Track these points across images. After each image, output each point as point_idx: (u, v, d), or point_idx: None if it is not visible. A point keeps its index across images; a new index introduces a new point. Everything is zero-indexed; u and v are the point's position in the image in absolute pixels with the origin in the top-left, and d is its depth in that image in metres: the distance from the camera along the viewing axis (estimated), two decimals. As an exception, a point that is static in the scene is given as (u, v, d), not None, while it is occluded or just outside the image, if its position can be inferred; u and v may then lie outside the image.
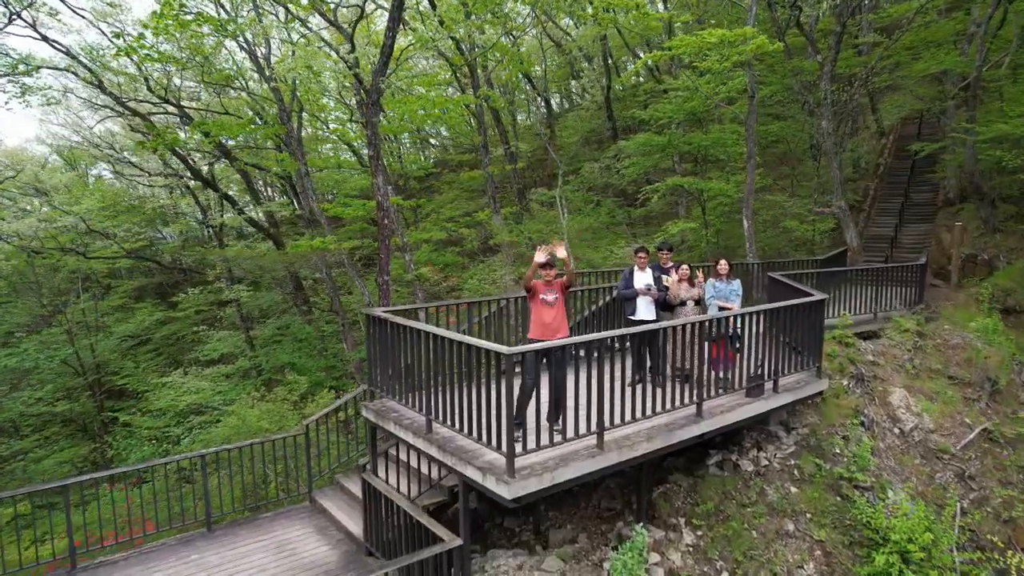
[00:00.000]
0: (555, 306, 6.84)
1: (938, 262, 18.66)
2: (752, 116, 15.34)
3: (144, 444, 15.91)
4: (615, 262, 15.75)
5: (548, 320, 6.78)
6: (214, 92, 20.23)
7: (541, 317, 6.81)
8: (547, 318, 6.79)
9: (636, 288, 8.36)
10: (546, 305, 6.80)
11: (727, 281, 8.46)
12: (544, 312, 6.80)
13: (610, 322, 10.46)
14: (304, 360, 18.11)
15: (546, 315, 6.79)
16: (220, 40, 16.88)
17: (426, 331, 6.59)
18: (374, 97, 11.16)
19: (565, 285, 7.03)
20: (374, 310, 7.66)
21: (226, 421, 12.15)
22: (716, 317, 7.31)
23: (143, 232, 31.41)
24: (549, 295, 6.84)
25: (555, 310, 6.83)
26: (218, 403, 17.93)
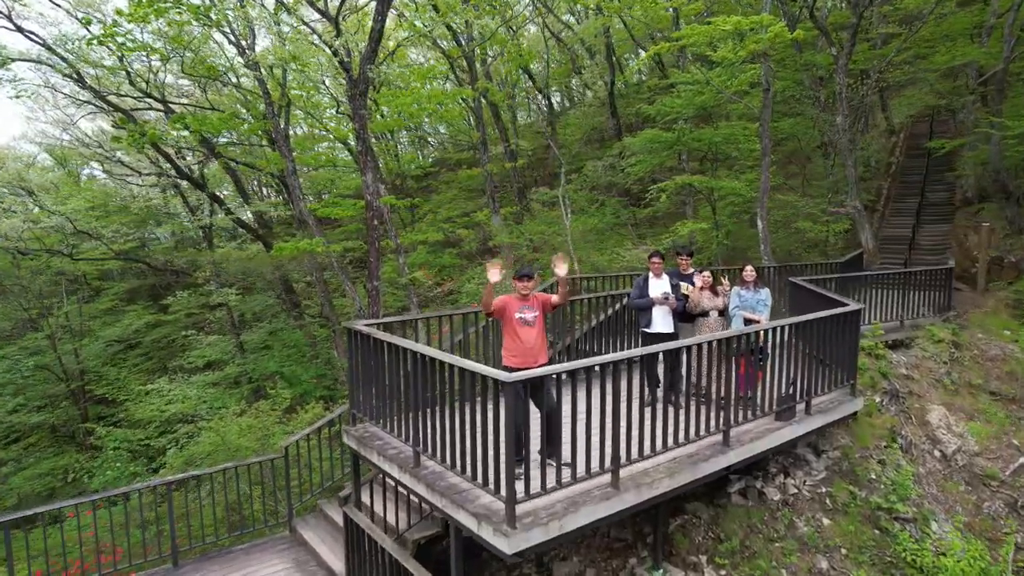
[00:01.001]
0: (535, 325, 5.76)
1: (960, 265, 17.76)
2: (767, 110, 14.46)
3: (121, 460, 14.99)
4: (622, 265, 14.86)
5: (528, 343, 5.69)
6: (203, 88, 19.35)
7: (519, 340, 5.69)
8: (527, 340, 5.69)
9: (652, 297, 7.46)
10: (524, 325, 5.71)
11: (754, 289, 7.56)
12: (523, 333, 5.70)
13: (620, 333, 9.56)
14: (294, 368, 17.22)
15: (526, 337, 5.69)
16: (206, 32, 16.02)
17: (412, 350, 5.69)
18: (362, 87, 10.26)
19: (552, 304, 5.94)
20: (355, 323, 6.76)
21: (205, 437, 11.24)
22: (745, 332, 6.40)
23: (132, 233, 30.51)
24: (527, 312, 5.75)
25: (535, 330, 5.75)
26: (205, 411, 17.05)
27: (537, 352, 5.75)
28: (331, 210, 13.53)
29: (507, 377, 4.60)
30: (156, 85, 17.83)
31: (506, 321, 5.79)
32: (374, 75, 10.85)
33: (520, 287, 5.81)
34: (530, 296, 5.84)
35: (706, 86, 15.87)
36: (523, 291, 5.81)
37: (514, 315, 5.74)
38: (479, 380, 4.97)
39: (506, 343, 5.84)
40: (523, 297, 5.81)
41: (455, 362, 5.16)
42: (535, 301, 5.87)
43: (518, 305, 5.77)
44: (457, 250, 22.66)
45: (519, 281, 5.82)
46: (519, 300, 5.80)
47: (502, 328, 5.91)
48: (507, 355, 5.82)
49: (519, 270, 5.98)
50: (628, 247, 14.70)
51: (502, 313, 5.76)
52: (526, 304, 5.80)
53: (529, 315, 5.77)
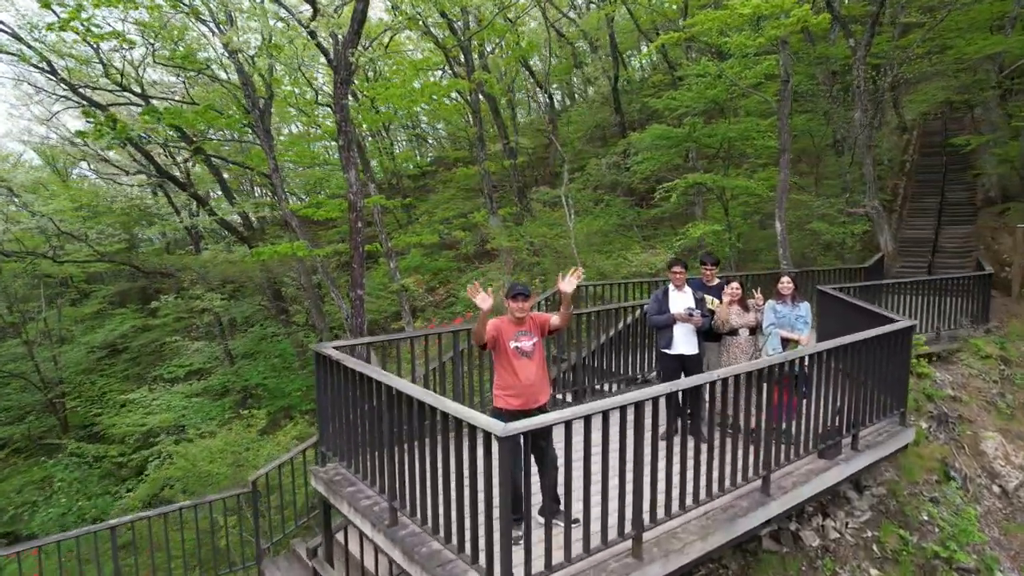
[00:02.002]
0: (534, 356, 4.68)
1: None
2: (786, 103, 13.40)
3: (72, 491, 13.87)
4: (629, 271, 13.80)
5: (527, 379, 4.60)
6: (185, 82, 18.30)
7: (515, 376, 4.60)
8: (526, 375, 4.59)
9: (673, 313, 6.41)
10: (521, 357, 4.62)
11: (792, 304, 6.50)
12: (520, 367, 4.60)
13: (635, 348, 8.50)
14: (279, 380, 16.15)
15: (524, 371, 4.60)
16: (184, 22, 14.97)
17: (388, 385, 4.63)
18: (343, 74, 9.21)
19: (551, 327, 4.82)
20: (323, 347, 5.71)
21: (175, 462, 10.19)
22: (787, 358, 5.34)
23: (117, 234, 29.42)
24: (524, 340, 4.64)
25: (535, 363, 4.67)
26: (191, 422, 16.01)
27: (538, 390, 4.67)
28: (315, 211, 12.49)
29: (502, 430, 3.55)
30: (135, 78, 16.78)
31: (498, 352, 4.68)
32: (357, 61, 9.80)
33: (514, 309, 4.65)
34: (526, 319, 4.73)
35: (718, 79, 14.80)
36: (518, 313, 4.67)
37: (508, 344, 4.63)
38: (467, 428, 3.91)
39: (498, 379, 4.71)
40: (518, 321, 4.68)
41: (437, 404, 4.10)
42: (532, 324, 4.76)
43: (512, 331, 4.65)
44: (454, 252, 21.59)
45: (513, 302, 4.66)
46: (513, 324, 4.69)
47: (493, 359, 4.82)
48: (500, 394, 4.68)
49: (511, 287, 4.75)
50: (636, 251, 13.66)
51: (494, 343, 4.66)
52: (522, 329, 4.69)
53: (527, 343, 4.67)
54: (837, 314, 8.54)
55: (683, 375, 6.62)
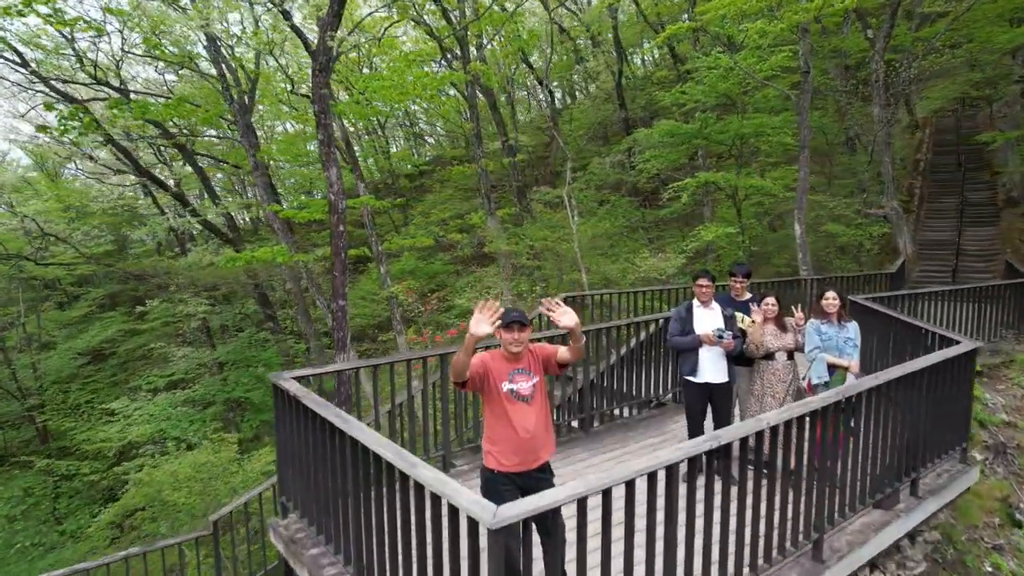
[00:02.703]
0: (534, 400, 3.61)
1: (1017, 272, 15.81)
2: (806, 97, 12.45)
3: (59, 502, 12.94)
4: (637, 278, 12.82)
5: (525, 430, 3.53)
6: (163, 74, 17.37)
7: (510, 426, 3.53)
8: (524, 426, 3.53)
9: (700, 335, 5.44)
10: (517, 402, 3.56)
11: (839, 324, 5.52)
12: (516, 415, 3.53)
13: (648, 371, 7.52)
14: (264, 392, 15.18)
15: (521, 420, 3.53)
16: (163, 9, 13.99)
17: (351, 436, 3.66)
18: (322, 60, 8.24)
19: (558, 362, 3.71)
20: (282, 378, 4.74)
21: (140, 489, 9.22)
22: (848, 393, 4.36)
23: (104, 235, 28.47)
24: (522, 381, 3.60)
25: (535, 409, 3.60)
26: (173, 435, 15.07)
27: (539, 444, 3.60)
28: (297, 212, 11.53)
29: (492, 518, 2.57)
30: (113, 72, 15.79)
31: (488, 396, 3.60)
32: (339, 48, 8.83)
33: (508, 341, 3.58)
34: (523, 353, 3.67)
35: (730, 71, 13.83)
36: (513, 347, 3.59)
37: (500, 387, 3.57)
38: (443, 507, 2.94)
39: (489, 431, 3.64)
40: (513, 356, 3.62)
41: (409, 471, 3.13)
42: (531, 360, 3.68)
43: (506, 369, 3.60)
44: (451, 255, 20.61)
45: (506, 332, 3.57)
46: (507, 361, 3.62)
47: (482, 403, 3.79)
48: (491, 451, 3.60)
49: (505, 314, 3.55)
50: (644, 256, 12.69)
51: (481, 384, 3.58)
52: (518, 367, 3.62)
53: (524, 385, 3.60)
54: (874, 330, 7.59)
55: (710, 407, 5.68)
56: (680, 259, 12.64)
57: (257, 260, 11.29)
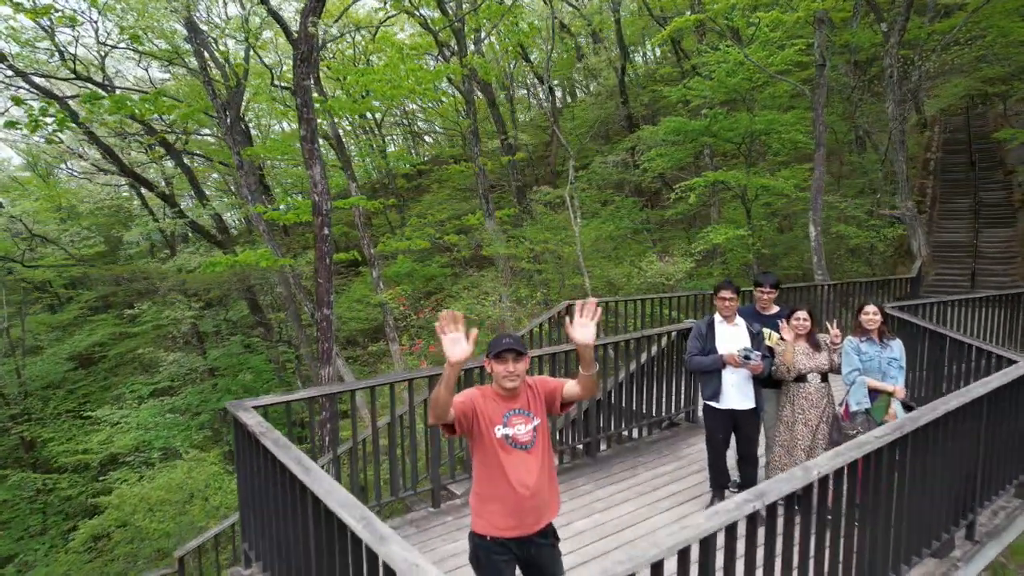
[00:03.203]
0: (534, 450, 2.88)
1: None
2: (821, 91, 11.79)
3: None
4: (642, 282, 12.14)
5: (524, 486, 2.81)
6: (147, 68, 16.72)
7: (505, 480, 2.82)
8: (522, 481, 2.81)
9: (724, 355, 4.77)
10: (514, 450, 2.84)
11: (881, 343, 4.85)
12: (512, 467, 2.82)
13: (659, 389, 6.86)
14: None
15: (518, 473, 2.82)
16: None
17: (312, 494, 3.00)
18: (303, 49, 7.58)
19: (565, 398, 2.95)
20: (241, 407, 4.08)
21: (107, 514, 8.56)
22: (905, 430, 3.69)
23: (94, 236, 27.77)
24: (519, 424, 2.87)
25: (536, 458, 2.88)
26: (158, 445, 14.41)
27: (542, 503, 2.88)
28: (282, 215, 10.84)
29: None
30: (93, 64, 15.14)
31: (478, 443, 2.88)
32: (324, 36, 8.17)
33: (501, 374, 2.84)
34: (520, 389, 2.93)
35: (740, 66, 13.17)
36: (507, 382, 2.84)
37: (493, 432, 2.85)
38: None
39: (479, 486, 2.93)
40: (508, 393, 2.89)
41: (375, 546, 2.46)
42: (531, 397, 2.94)
43: (500, 409, 2.88)
44: (449, 257, 19.93)
45: (499, 363, 2.84)
46: (501, 399, 2.89)
47: (470, 451, 3.05)
48: (481, 511, 2.90)
49: (495, 342, 2.87)
50: (651, 259, 12.03)
51: (470, 427, 2.85)
52: (514, 407, 2.90)
53: (523, 428, 2.88)
54: (907, 343, 6.91)
55: (734, 435, 5.02)
56: (688, 263, 11.97)
57: (239, 264, 10.64)
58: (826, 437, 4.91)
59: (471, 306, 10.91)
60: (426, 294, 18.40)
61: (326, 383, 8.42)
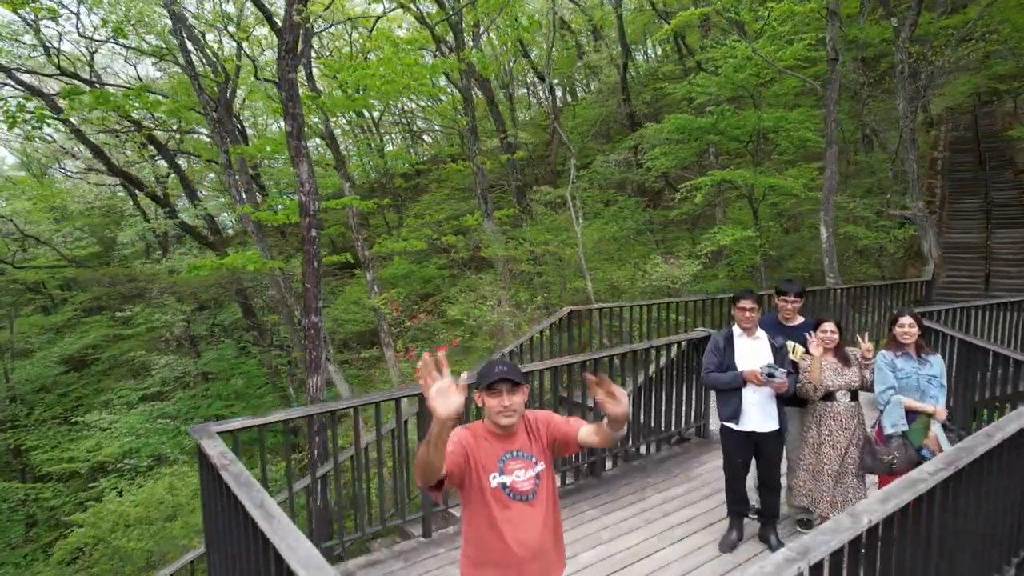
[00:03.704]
0: (536, 501, 2.42)
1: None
2: (834, 86, 11.34)
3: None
4: (646, 286, 11.68)
5: (523, 544, 2.35)
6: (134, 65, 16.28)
7: (499, 537, 2.35)
8: (518, 538, 2.35)
9: (744, 372, 4.31)
10: (514, 502, 2.38)
11: (919, 358, 4.39)
12: (509, 523, 2.35)
13: (668, 402, 6.41)
14: (245, 407, 14.06)
15: (516, 529, 2.35)
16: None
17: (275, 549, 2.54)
18: (288, 39, 7.12)
19: (572, 442, 2.46)
20: (205, 432, 3.62)
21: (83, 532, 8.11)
22: (960, 463, 3.22)
23: (87, 237, 27.33)
24: (519, 471, 2.40)
25: (538, 511, 2.41)
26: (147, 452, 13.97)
27: (548, 566, 2.44)
28: (271, 215, 10.36)
29: None
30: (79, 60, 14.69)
31: (468, 494, 2.41)
32: (311, 27, 7.72)
33: (496, 410, 2.36)
34: (517, 426, 2.45)
35: (747, 61, 12.72)
36: (503, 417, 2.36)
37: (488, 480, 2.38)
38: None
39: (468, 545, 2.47)
40: (503, 432, 2.42)
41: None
42: (532, 435, 2.48)
43: (495, 452, 2.40)
44: (447, 258, 19.46)
45: (491, 397, 2.36)
46: (496, 439, 2.42)
47: (460, 503, 2.54)
48: (473, 572, 2.45)
49: (487, 370, 2.41)
50: (656, 262, 11.56)
51: (460, 480, 2.37)
52: (512, 448, 2.43)
53: (523, 475, 2.40)
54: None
55: (755, 460, 4.56)
56: (695, 265, 11.51)
57: (226, 267, 10.19)
58: (856, 462, 4.46)
59: (469, 310, 10.47)
60: (423, 296, 17.94)
61: (316, 392, 7.99)
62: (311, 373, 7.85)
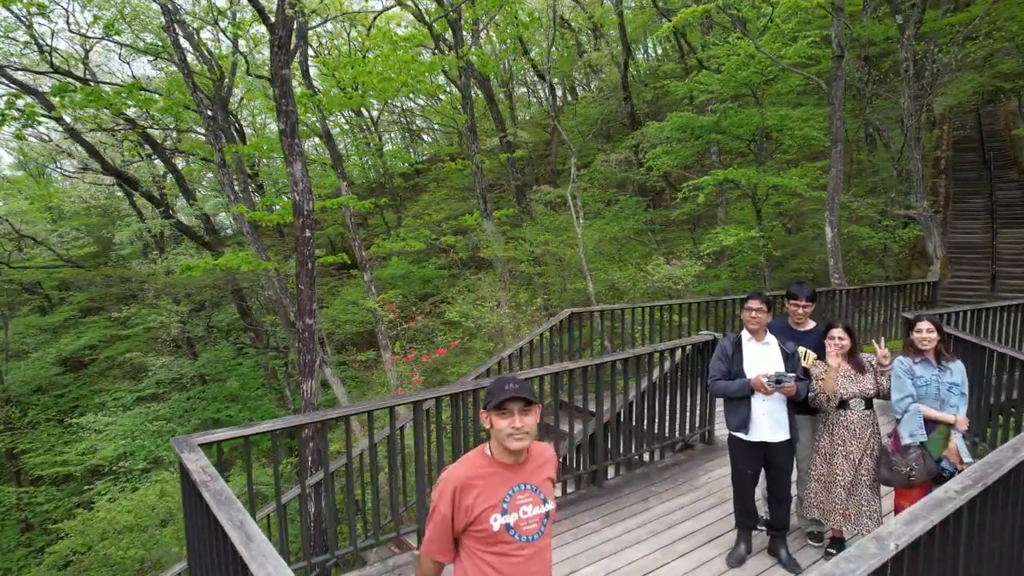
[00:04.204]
0: (543, 539, 2.20)
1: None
2: (839, 84, 11.13)
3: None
4: (648, 287, 11.47)
5: None
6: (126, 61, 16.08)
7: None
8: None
9: (752, 380, 4.12)
10: (517, 545, 2.12)
11: (939, 364, 4.20)
12: (512, 568, 2.12)
13: (672, 407, 6.21)
14: (240, 408, 13.86)
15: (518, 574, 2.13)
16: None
17: (248, 567, 2.35)
18: (281, 34, 6.93)
19: None
20: (186, 444, 3.43)
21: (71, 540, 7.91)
22: (988, 479, 3.03)
23: (83, 237, 27.14)
24: (528, 508, 2.15)
25: (540, 555, 2.19)
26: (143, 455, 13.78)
27: None
28: (265, 215, 10.15)
29: None
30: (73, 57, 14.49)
31: (467, 541, 2.17)
32: (306, 23, 7.53)
33: (505, 432, 2.09)
34: (526, 455, 2.22)
35: (751, 58, 12.52)
36: (514, 441, 2.10)
37: (490, 521, 2.10)
38: None
39: None
40: (512, 460, 2.18)
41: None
42: (541, 468, 2.27)
43: (501, 486, 2.15)
44: (446, 259, 19.25)
45: (500, 417, 2.10)
46: (502, 469, 2.17)
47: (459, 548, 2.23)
48: None
49: (495, 387, 2.16)
50: (658, 263, 11.35)
51: (465, 524, 2.12)
52: (519, 480, 2.18)
53: (529, 512, 2.16)
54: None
55: (764, 470, 4.37)
56: (698, 265, 11.31)
57: (220, 268, 10.00)
58: (870, 473, 4.27)
59: (468, 312, 10.29)
60: (422, 296, 17.74)
61: (310, 397, 7.80)
62: (305, 377, 7.66)
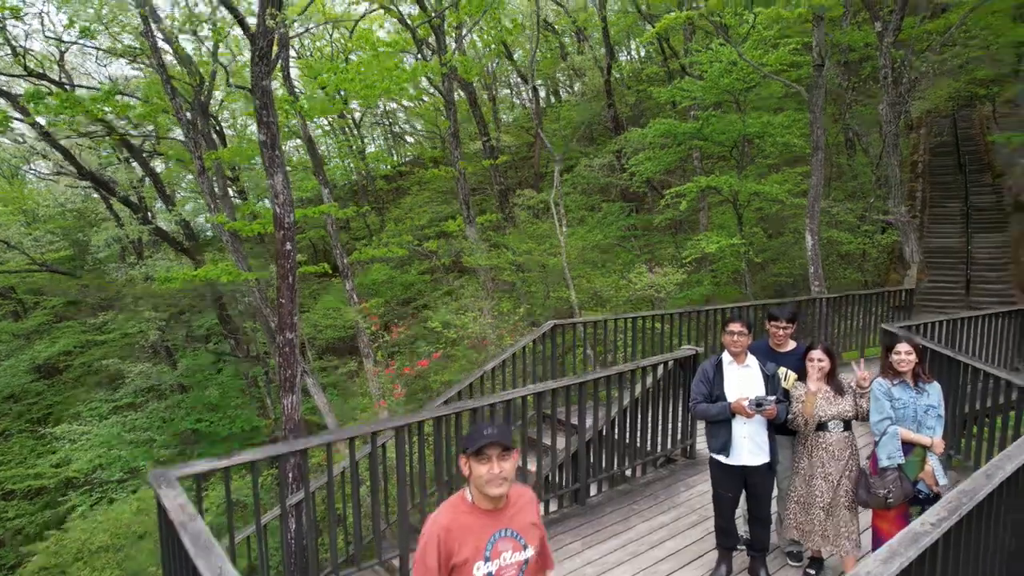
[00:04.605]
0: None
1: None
2: (819, 92, 11.23)
3: None
4: (631, 294, 11.49)
5: None
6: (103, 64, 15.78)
7: None
8: None
9: (733, 403, 4.13)
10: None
11: (916, 387, 4.24)
12: None
13: (655, 423, 6.22)
14: (217, 423, 13.63)
15: None
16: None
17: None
18: (262, 44, 6.83)
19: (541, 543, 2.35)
20: (164, 479, 3.36)
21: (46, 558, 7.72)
22: (959, 513, 3.05)
23: (58, 241, 26.57)
24: (508, 554, 2.16)
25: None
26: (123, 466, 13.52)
27: None
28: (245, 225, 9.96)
29: None
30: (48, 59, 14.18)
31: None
32: (286, 31, 7.43)
33: (485, 479, 2.10)
34: (507, 501, 2.23)
35: (733, 65, 12.60)
36: (493, 487, 2.11)
37: (472, 570, 2.10)
38: None
39: None
40: (492, 506, 2.18)
41: None
42: (524, 513, 2.28)
43: (482, 532, 2.15)
44: (429, 264, 19.14)
45: (479, 463, 2.10)
46: (482, 515, 2.17)
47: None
48: None
49: (474, 434, 2.15)
50: (640, 271, 11.37)
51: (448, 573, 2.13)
52: (501, 526, 2.18)
53: (508, 559, 2.16)
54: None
55: (745, 493, 4.39)
56: (680, 274, 11.35)
57: (200, 278, 9.84)
58: (848, 494, 4.30)
59: (450, 322, 10.22)
60: (404, 301, 17.63)
61: (291, 411, 7.71)
62: (285, 392, 7.57)
